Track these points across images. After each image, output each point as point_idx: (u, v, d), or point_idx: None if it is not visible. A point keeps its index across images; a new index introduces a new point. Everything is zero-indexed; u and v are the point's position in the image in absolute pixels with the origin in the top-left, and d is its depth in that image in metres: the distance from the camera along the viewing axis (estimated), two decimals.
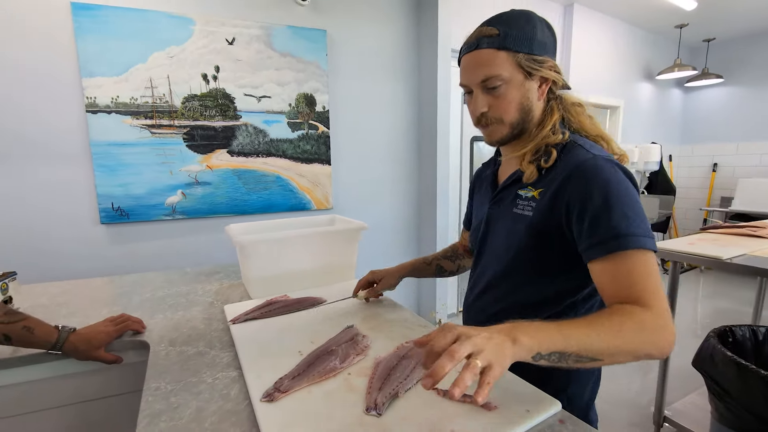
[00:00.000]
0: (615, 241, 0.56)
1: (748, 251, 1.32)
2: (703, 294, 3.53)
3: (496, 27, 0.65)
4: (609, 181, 0.59)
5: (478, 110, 0.69)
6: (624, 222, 0.56)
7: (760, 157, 4.05)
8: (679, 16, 3.50)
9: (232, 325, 0.88)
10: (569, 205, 0.61)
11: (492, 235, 0.77)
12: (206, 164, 2.01)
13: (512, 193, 0.72)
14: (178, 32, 1.86)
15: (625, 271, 0.55)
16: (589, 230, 0.58)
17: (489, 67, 0.65)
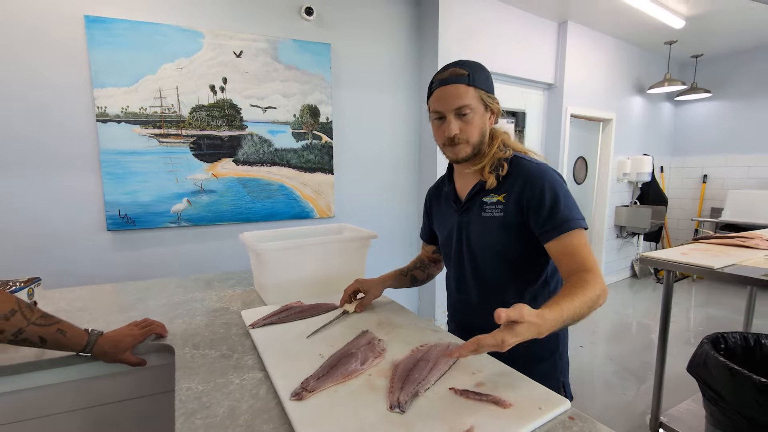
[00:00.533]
0: (565, 224, 0.77)
1: (738, 261, 1.38)
2: (696, 302, 3.61)
3: (464, 69, 0.83)
4: (553, 182, 0.80)
5: (452, 132, 0.83)
6: (567, 211, 0.78)
7: (747, 170, 4.17)
8: (668, 34, 3.64)
9: (251, 329, 0.91)
10: (530, 201, 0.80)
11: (466, 238, 0.91)
12: (212, 173, 2.04)
13: (477, 202, 0.88)
14: (187, 45, 1.91)
15: (573, 245, 0.77)
16: (546, 219, 0.78)
17: (462, 99, 0.82)
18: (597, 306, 0.71)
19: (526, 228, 0.82)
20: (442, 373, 0.68)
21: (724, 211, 3.92)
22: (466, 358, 0.73)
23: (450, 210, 0.96)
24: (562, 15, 3.20)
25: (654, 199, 4.28)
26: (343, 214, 2.42)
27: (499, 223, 0.84)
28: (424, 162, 2.62)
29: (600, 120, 3.88)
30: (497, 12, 2.89)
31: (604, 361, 2.50)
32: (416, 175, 2.68)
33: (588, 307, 0.69)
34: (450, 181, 0.98)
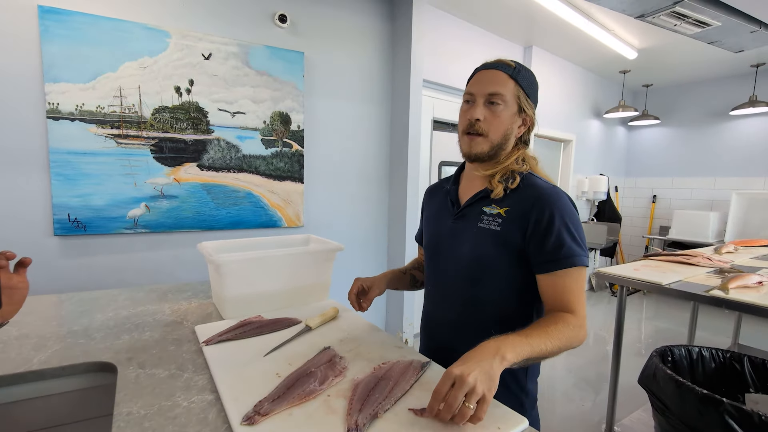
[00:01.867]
0: (567, 260, 0.71)
1: (684, 278, 1.48)
2: (646, 315, 3.82)
3: (513, 62, 0.79)
4: (566, 209, 0.74)
5: (476, 115, 0.77)
6: (574, 246, 0.72)
7: (691, 191, 4.53)
8: (622, 64, 3.92)
9: (205, 346, 0.85)
10: (536, 225, 0.73)
11: (455, 245, 0.84)
12: (174, 177, 1.95)
13: (477, 210, 0.82)
14: (152, 44, 1.83)
15: (566, 284, 0.72)
16: (550, 249, 0.72)
17: (499, 86, 0.77)
18: (569, 348, 0.68)
19: (521, 250, 0.75)
20: (403, 391, 0.67)
21: (671, 230, 4.21)
22: (427, 376, 0.72)
23: (445, 211, 0.89)
24: (527, 40, 3.37)
25: (609, 217, 4.54)
26: (313, 224, 2.38)
27: (494, 237, 0.77)
28: (394, 175, 2.64)
29: (561, 140, 4.09)
30: (467, 32, 3.00)
31: (564, 373, 2.58)
32: (387, 188, 2.69)
33: (558, 347, 0.66)
34: (456, 182, 0.91)
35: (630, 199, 5.08)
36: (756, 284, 1.34)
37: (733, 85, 4.12)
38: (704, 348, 1.18)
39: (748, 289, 1.31)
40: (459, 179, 0.92)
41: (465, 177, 0.90)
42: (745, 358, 1.13)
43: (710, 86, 4.32)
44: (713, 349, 1.18)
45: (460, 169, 0.93)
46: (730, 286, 1.28)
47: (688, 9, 2.25)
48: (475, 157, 0.80)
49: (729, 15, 2.33)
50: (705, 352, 1.17)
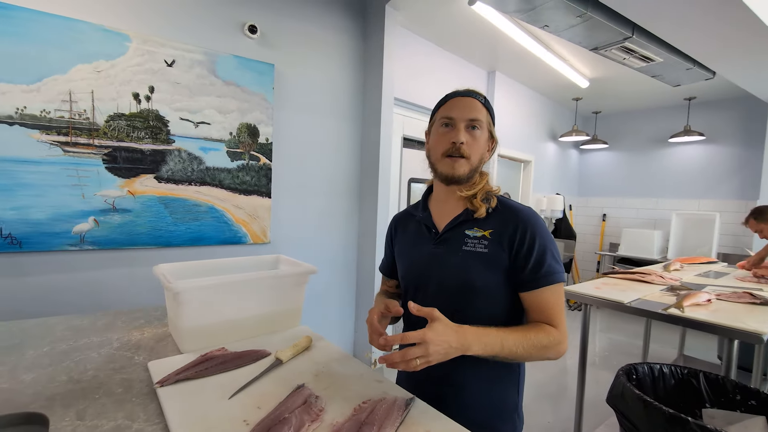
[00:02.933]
0: (548, 277, 0.76)
1: (642, 295, 1.57)
2: (600, 328, 4.03)
3: (480, 93, 0.85)
4: (544, 231, 0.79)
5: (460, 138, 0.80)
6: (553, 263, 0.77)
7: (637, 211, 4.90)
8: (575, 91, 4.21)
9: (159, 388, 0.75)
10: (519, 246, 0.77)
11: (440, 270, 0.83)
12: (128, 189, 1.80)
13: (459, 234, 0.82)
14: (109, 47, 1.71)
15: (548, 300, 0.76)
16: (531, 269, 0.76)
17: (477, 113, 0.82)
18: (546, 355, 0.72)
19: (507, 270, 0.78)
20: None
21: (620, 247, 4.51)
22: (412, 416, 0.68)
23: (422, 238, 0.88)
24: (491, 65, 3.53)
25: (565, 234, 4.79)
26: (280, 241, 2.29)
27: (483, 259, 0.78)
28: (365, 191, 2.62)
29: (521, 161, 4.29)
30: (437, 55, 3.09)
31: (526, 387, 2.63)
32: (357, 204, 2.66)
33: (533, 348, 0.70)
34: (425, 208, 0.91)
35: (582, 217, 5.41)
36: (705, 302, 1.45)
37: (671, 115, 4.55)
38: (664, 365, 1.25)
39: (699, 306, 1.41)
40: (427, 205, 0.92)
41: (434, 202, 0.90)
42: (700, 374, 1.20)
43: (651, 115, 4.75)
44: (672, 366, 1.25)
45: (426, 195, 0.94)
46: (684, 305, 1.38)
47: (636, 45, 2.46)
48: (457, 179, 0.81)
49: (669, 53, 2.58)
50: (665, 369, 1.24)
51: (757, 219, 2.23)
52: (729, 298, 1.54)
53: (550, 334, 0.72)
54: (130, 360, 0.90)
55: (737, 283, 1.95)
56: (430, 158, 0.86)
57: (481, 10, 2.41)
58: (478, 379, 0.82)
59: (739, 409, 1.15)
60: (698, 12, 1.92)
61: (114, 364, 0.88)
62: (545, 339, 0.71)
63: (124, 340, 1.02)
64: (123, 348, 0.97)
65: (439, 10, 2.54)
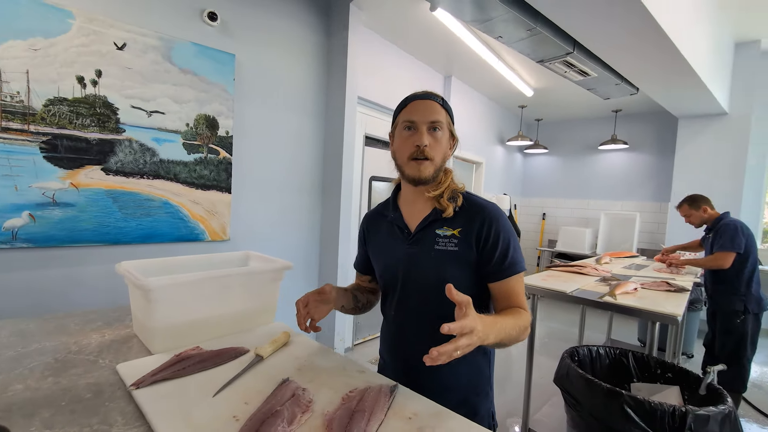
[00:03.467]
0: (512, 268, 0.82)
1: (580, 286, 1.78)
2: (540, 317, 4.39)
3: (438, 94, 0.88)
4: (507, 226, 0.85)
5: (424, 141, 0.83)
6: (516, 255, 0.83)
7: (572, 210, 5.39)
8: (521, 99, 4.53)
9: (135, 390, 0.72)
10: (486, 241, 0.82)
11: (416, 270, 0.87)
12: (70, 182, 1.65)
13: (430, 234, 0.86)
14: (48, 23, 1.55)
15: (513, 287, 0.83)
16: (497, 261, 0.82)
17: (437, 115, 0.84)
18: (522, 336, 0.77)
19: (476, 264, 0.83)
20: (380, 421, 0.65)
21: (558, 243, 4.94)
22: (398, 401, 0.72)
23: (395, 239, 0.91)
24: (447, 70, 3.69)
25: None
26: (240, 238, 2.22)
27: (454, 257, 0.83)
28: (327, 188, 2.62)
29: (474, 162, 4.53)
30: (398, 57, 3.16)
31: None
32: (320, 201, 2.65)
33: (517, 331, 0.75)
34: (395, 208, 0.94)
35: (526, 216, 5.83)
36: (633, 290, 1.68)
37: (601, 124, 5.07)
38: (601, 347, 1.43)
39: (628, 294, 1.63)
40: (397, 205, 0.95)
41: (404, 202, 0.93)
42: (629, 353, 1.40)
43: (585, 124, 5.24)
44: (607, 347, 1.43)
45: (395, 195, 0.97)
46: (616, 293, 1.58)
47: (576, 60, 2.72)
48: (423, 180, 0.85)
49: (603, 69, 2.89)
50: (602, 351, 1.42)
51: (691, 205, 2.45)
52: (651, 286, 1.79)
53: (526, 317, 0.80)
54: (94, 364, 0.85)
55: (656, 274, 2.27)
56: (396, 161, 0.89)
57: (441, 17, 2.52)
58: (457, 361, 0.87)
59: (660, 381, 1.36)
60: (626, 34, 2.18)
61: (76, 368, 0.82)
62: (525, 321, 0.78)
63: (83, 343, 0.95)
64: (83, 352, 0.90)
65: (402, 14, 2.61)
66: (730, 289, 2.25)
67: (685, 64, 2.47)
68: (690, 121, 3.76)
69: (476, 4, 2.06)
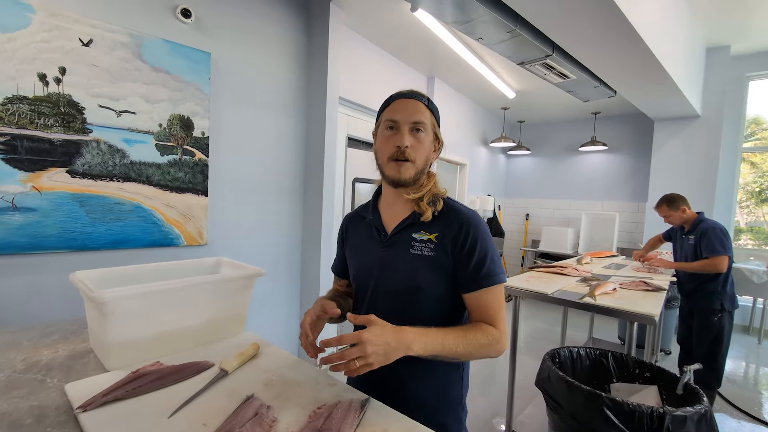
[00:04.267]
0: (488, 279, 0.79)
1: (561, 287, 1.78)
2: (524, 316, 4.43)
3: (424, 94, 0.85)
4: (486, 234, 0.82)
5: (405, 142, 0.80)
6: (492, 266, 0.80)
7: (553, 211, 5.47)
8: (503, 101, 4.57)
9: (81, 413, 0.65)
10: (461, 249, 0.80)
11: (388, 273, 0.84)
12: (32, 185, 1.56)
13: (406, 237, 0.84)
14: (5, 16, 1.46)
15: (489, 300, 0.79)
16: (472, 270, 0.79)
17: (421, 115, 0.82)
18: (486, 353, 0.74)
19: (451, 272, 0.81)
20: None
21: (541, 243, 5.00)
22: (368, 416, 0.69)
23: (372, 241, 0.89)
24: (430, 71, 3.69)
25: (495, 232, 5.17)
26: (218, 242, 2.15)
27: (428, 263, 0.80)
28: (309, 190, 2.57)
29: (458, 164, 4.54)
30: (380, 57, 3.14)
31: None
32: (300, 203, 2.60)
33: (471, 347, 0.72)
34: (375, 209, 0.92)
35: (509, 216, 5.89)
36: (612, 291, 1.69)
37: (581, 126, 5.16)
38: (581, 348, 1.43)
39: (607, 295, 1.65)
40: (377, 207, 0.93)
41: (384, 204, 0.91)
42: (609, 354, 1.40)
43: (566, 126, 5.33)
44: (587, 348, 1.44)
45: (376, 197, 0.94)
46: (596, 294, 1.59)
47: (555, 62, 2.75)
48: (403, 182, 0.82)
49: (581, 71, 2.93)
50: (582, 352, 1.42)
51: (669, 206, 2.46)
52: (629, 286, 1.81)
53: (489, 333, 0.75)
54: (41, 384, 0.78)
55: (634, 274, 2.30)
56: (377, 161, 0.87)
57: (422, 17, 2.50)
58: (423, 376, 0.84)
59: (638, 381, 1.36)
60: (602, 37, 2.21)
61: (20, 390, 0.75)
62: (483, 338, 0.74)
63: (32, 360, 0.88)
64: (30, 370, 0.83)
65: (383, 14, 2.59)
66: (708, 288, 2.30)
67: (659, 68, 2.52)
68: (665, 124, 3.86)
69: (457, 5, 2.05)
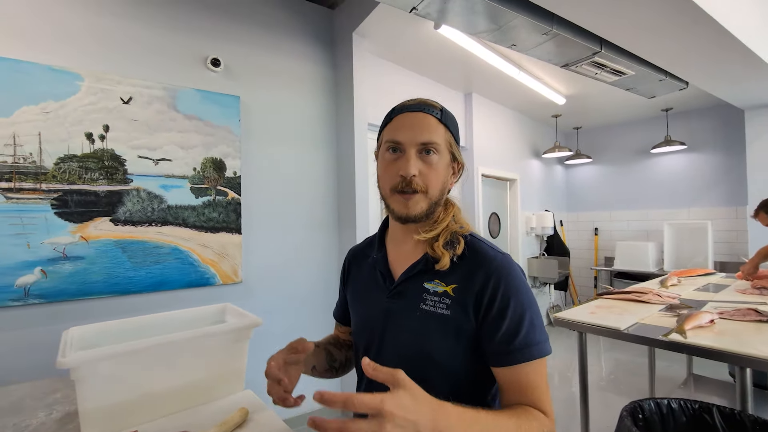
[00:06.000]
0: (526, 351, 0.59)
1: (639, 318, 1.44)
2: (604, 347, 3.85)
3: (437, 103, 0.68)
4: (523, 289, 0.62)
5: (411, 170, 0.63)
6: (532, 333, 0.60)
7: (627, 223, 4.82)
8: (553, 109, 4.22)
9: None
10: (489, 306, 0.61)
11: (394, 332, 0.67)
12: (80, 235, 1.67)
13: (417, 286, 0.66)
14: (58, 87, 1.63)
15: (529, 379, 0.59)
16: (504, 337, 0.59)
17: (432, 133, 0.65)
18: None
19: (475, 336, 0.62)
20: None
21: (616, 261, 4.39)
22: None
23: (375, 286, 0.72)
24: (467, 88, 3.53)
25: (558, 251, 4.67)
26: (253, 279, 2.14)
27: (443, 324, 0.62)
28: (343, 222, 2.51)
29: (507, 179, 4.24)
30: (410, 79, 3.07)
31: None
32: (335, 235, 2.54)
33: None
34: (381, 246, 0.75)
35: (574, 232, 5.32)
36: (708, 323, 1.32)
37: (650, 126, 4.57)
38: (673, 400, 1.10)
39: (702, 329, 1.28)
40: (384, 243, 0.76)
41: (391, 241, 0.75)
42: (714, 408, 1.06)
43: (631, 127, 4.77)
44: (681, 401, 1.10)
45: (382, 231, 0.78)
46: (686, 328, 1.25)
47: (606, 59, 2.45)
48: (413, 219, 0.66)
49: (640, 65, 2.57)
50: (674, 405, 1.09)
51: None
52: (733, 316, 1.41)
53: (543, 424, 0.56)
54: None
55: (739, 297, 1.83)
56: (380, 191, 0.70)
57: (448, 33, 2.40)
58: None
59: None
60: (662, 24, 1.90)
61: None
62: (534, 421, 0.55)
63: (23, 425, 0.83)
64: None
65: (407, 36, 2.53)
66: None
67: (738, 45, 2.11)
68: (759, 112, 3.25)
69: (480, 13, 1.91)
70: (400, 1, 1.75)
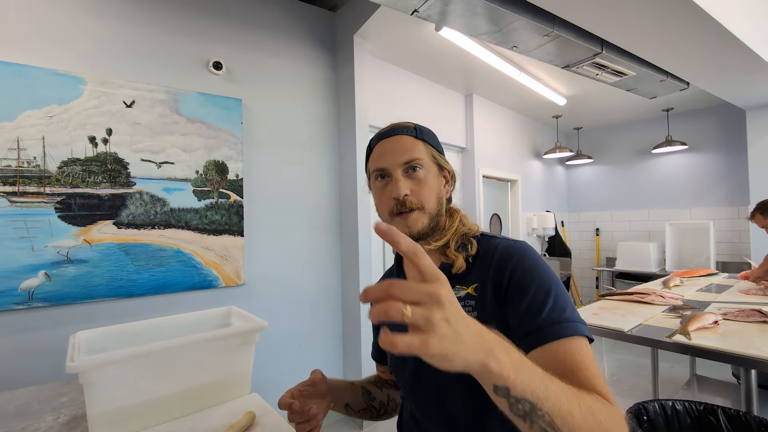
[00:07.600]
0: (557, 327, 0.52)
1: (643, 320, 1.44)
2: (606, 347, 3.84)
3: (409, 123, 0.70)
4: (540, 264, 0.59)
5: (401, 191, 0.64)
6: (559, 307, 0.54)
7: (629, 224, 4.82)
8: (554, 109, 4.23)
9: None
10: (508, 286, 0.59)
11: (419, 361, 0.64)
12: (84, 238, 1.68)
13: None
14: (62, 91, 1.63)
15: (572, 359, 0.50)
16: (529, 314, 0.54)
17: (411, 152, 0.66)
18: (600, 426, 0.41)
19: (505, 325, 0.59)
20: None
21: (617, 261, 4.39)
22: None
23: None
24: (467, 89, 3.54)
25: (560, 252, 4.67)
26: (256, 282, 2.14)
27: None
28: (345, 223, 2.51)
29: (508, 180, 4.24)
30: (411, 81, 3.08)
31: None
32: (338, 237, 2.54)
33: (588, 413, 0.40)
34: (399, 271, 0.74)
35: (576, 233, 5.32)
36: (712, 324, 1.32)
37: (652, 126, 4.57)
38: (677, 401, 1.10)
39: (706, 330, 1.29)
40: (402, 268, 0.77)
41: None
42: (719, 410, 1.06)
43: (632, 128, 4.77)
44: (686, 402, 1.10)
45: (398, 258, 0.76)
46: (690, 329, 1.25)
47: (607, 60, 2.45)
48: (417, 236, 0.66)
49: (641, 66, 2.57)
50: (678, 406, 1.09)
51: (764, 214, 2.10)
52: (737, 317, 1.41)
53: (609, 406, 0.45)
54: None
55: (742, 297, 1.83)
56: (380, 218, 0.70)
57: (449, 35, 2.40)
58: None
59: None
60: (663, 24, 1.90)
61: None
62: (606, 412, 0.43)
63: (31, 429, 0.83)
64: None
65: (408, 39, 2.54)
66: None
67: (739, 45, 2.11)
68: (760, 112, 3.25)
69: (482, 15, 1.91)
70: (401, 4, 1.76)
